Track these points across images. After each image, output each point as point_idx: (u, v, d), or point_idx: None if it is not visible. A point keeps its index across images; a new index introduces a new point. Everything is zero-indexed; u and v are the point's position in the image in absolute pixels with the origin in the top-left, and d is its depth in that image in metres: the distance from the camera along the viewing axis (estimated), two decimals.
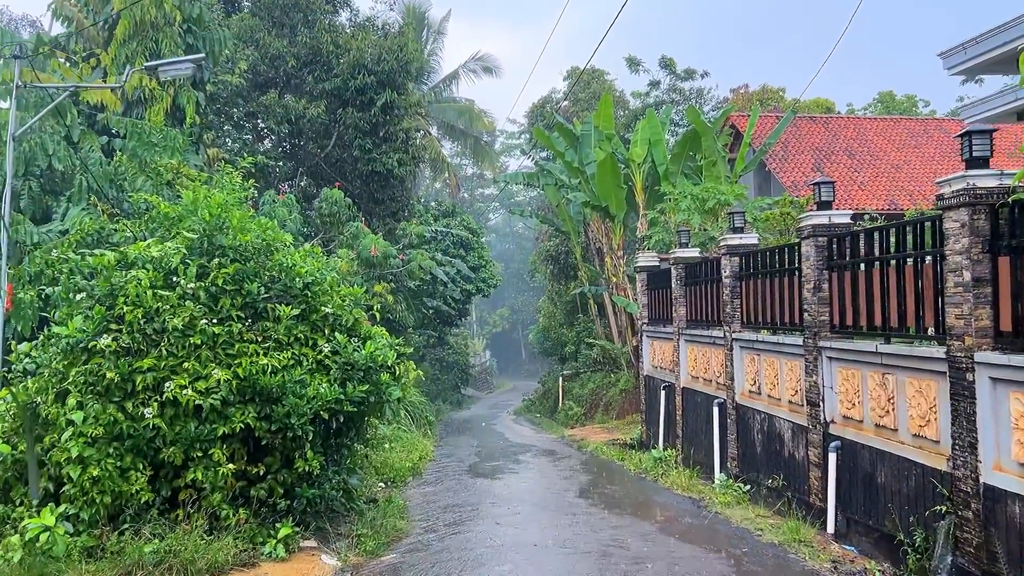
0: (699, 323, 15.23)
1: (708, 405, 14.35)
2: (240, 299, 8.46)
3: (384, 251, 14.93)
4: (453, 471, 14.88)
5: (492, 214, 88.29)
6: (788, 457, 11.20)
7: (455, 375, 48.25)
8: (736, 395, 13.03)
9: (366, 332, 9.19)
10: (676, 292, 16.12)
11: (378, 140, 23.44)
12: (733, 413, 13.09)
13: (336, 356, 8.73)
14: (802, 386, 10.72)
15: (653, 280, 18.52)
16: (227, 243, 8.55)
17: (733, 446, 13.08)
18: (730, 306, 13.17)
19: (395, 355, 8.95)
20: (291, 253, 9.02)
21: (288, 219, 14.34)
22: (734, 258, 13.12)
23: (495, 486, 13.01)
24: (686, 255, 15.97)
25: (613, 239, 25.60)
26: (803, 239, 10.47)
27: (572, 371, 34.91)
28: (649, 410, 18.46)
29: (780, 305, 11.59)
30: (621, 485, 12.62)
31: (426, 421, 22.65)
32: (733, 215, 13.28)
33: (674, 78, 47.06)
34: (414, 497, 12.04)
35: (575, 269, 36.95)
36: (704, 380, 14.77)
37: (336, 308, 9.06)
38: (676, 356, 16.19)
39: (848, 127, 33.70)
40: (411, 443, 16.99)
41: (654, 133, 25.71)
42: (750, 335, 12.61)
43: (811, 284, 10.29)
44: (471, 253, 39.76)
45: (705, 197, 17.41)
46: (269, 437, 8.27)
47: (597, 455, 16.62)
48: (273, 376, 8.17)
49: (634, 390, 25.05)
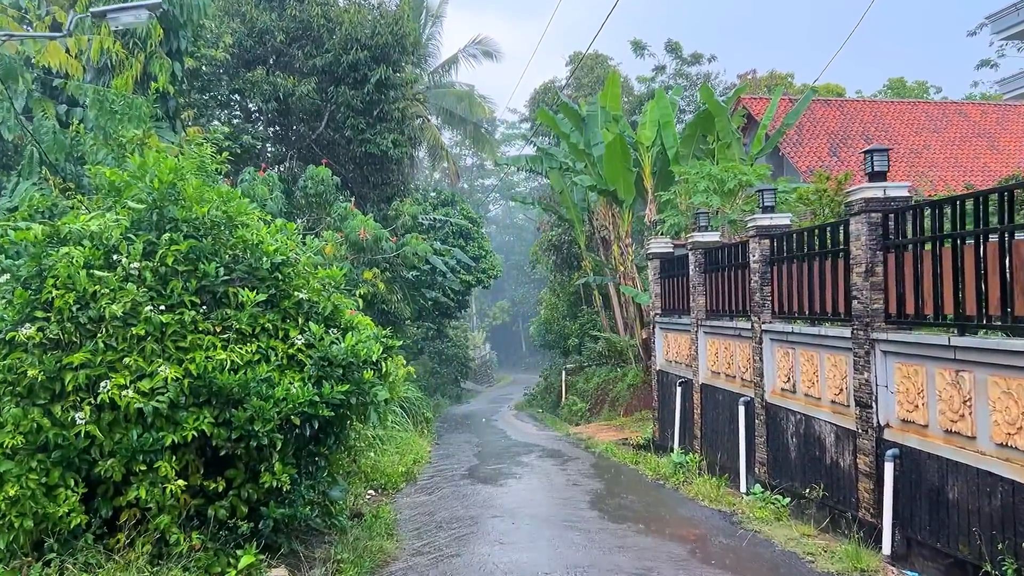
0: (721, 313, 13.88)
1: (732, 404, 13.01)
2: (195, 282, 7.10)
3: (375, 233, 13.56)
4: (451, 475, 13.55)
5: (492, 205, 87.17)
6: (830, 465, 9.86)
7: (454, 368, 47.02)
8: (766, 393, 11.69)
9: (348, 322, 7.84)
10: (694, 280, 14.77)
11: (372, 120, 22.02)
12: (762, 413, 11.76)
13: (311, 350, 7.38)
14: (849, 384, 9.37)
15: (667, 268, 17.16)
16: (180, 215, 7.19)
17: (762, 450, 11.75)
18: (759, 294, 11.82)
19: (381, 349, 7.60)
20: (258, 229, 7.66)
21: (269, 199, 12.98)
22: (764, 240, 11.76)
23: (497, 494, 11.69)
24: (705, 239, 14.61)
25: (621, 226, 24.22)
26: (852, 215, 9.11)
27: (576, 365, 33.59)
28: (663, 408, 17.13)
29: (821, 292, 10.24)
30: (638, 494, 11.29)
31: (423, 418, 21.31)
32: (763, 192, 11.92)
33: (680, 63, 45.68)
34: (406, 508, 10.71)
35: (579, 259, 35.58)
36: (727, 376, 13.43)
37: (312, 293, 7.71)
38: (694, 350, 14.85)
39: (864, 111, 32.30)
40: (406, 443, 15.66)
41: (664, 114, 24.32)
42: (783, 326, 11.26)
43: (862, 267, 8.93)
44: (471, 243, 38.47)
45: (724, 178, 16.04)
46: (229, 446, 6.92)
47: (607, 457, 15.29)
48: (234, 374, 6.82)
49: (643, 385, 23.73)
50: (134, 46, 14.57)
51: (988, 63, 48.04)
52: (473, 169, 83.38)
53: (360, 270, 13.89)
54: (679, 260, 16.25)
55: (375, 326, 8.14)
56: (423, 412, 21.46)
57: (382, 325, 23.63)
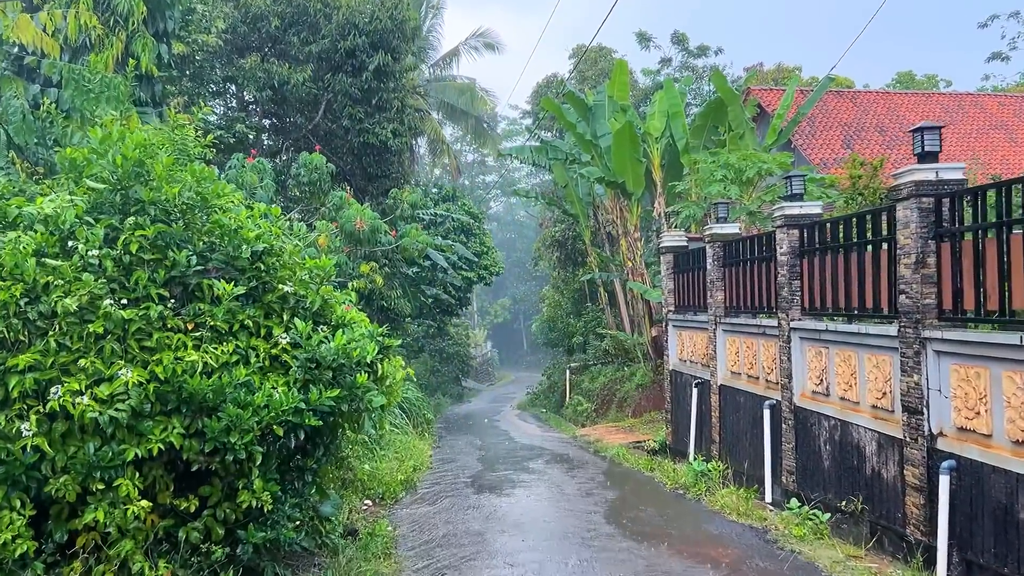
0: (742, 310, 13.00)
1: (755, 407, 12.13)
2: (163, 272, 6.21)
3: (372, 224, 12.65)
4: (453, 483, 12.68)
5: (493, 202, 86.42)
6: (871, 475, 8.98)
7: (455, 367, 46.21)
8: (794, 396, 10.81)
9: (339, 318, 6.96)
10: (712, 274, 13.88)
11: (371, 109, 21.11)
12: (790, 418, 10.87)
13: (297, 350, 6.50)
14: (894, 388, 8.49)
15: (681, 262, 16.26)
16: (147, 197, 6.30)
17: (789, 457, 10.87)
18: (787, 289, 10.93)
19: (377, 349, 6.71)
20: (238, 213, 6.76)
21: (259, 187, 12.09)
22: (793, 231, 10.87)
23: (503, 506, 10.80)
24: (724, 231, 13.72)
25: (629, 219, 23.31)
26: (899, 200, 8.22)
27: (580, 364, 32.71)
28: (676, 410, 16.24)
29: (860, 287, 9.35)
30: (658, 506, 10.40)
31: (423, 420, 20.43)
32: (791, 179, 11.02)
33: (686, 55, 44.80)
34: (406, 522, 9.83)
35: (583, 255, 34.69)
36: (749, 377, 12.55)
37: (299, 286, 6.82)
38: (711, 348, 13.96)
39: (878, 102, 31.39)
40: (406, 448, 14.78)
41: (673, 104, 23.41)
42: (814, 324, 10.38)
43: (911, 258, 8.05)
44: (472, 239, 37.63)
45: (742, 167, 15.13)
46: (202, 461, 6.04)
47: (619, 463, 14.41)
48: (207, 378, 5.94)
49: (653, 385, 22.85)
50: (115, 24, 13.69)
51: (999, 56, 47.17)
52: (474, 165, 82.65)
53: (356, 263, 13.00)
54: (694, 254, 15.37)
55: (371, 323, 7.26)
56: (423, 413, 20.59)
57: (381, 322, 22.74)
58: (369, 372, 6.73)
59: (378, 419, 6.84)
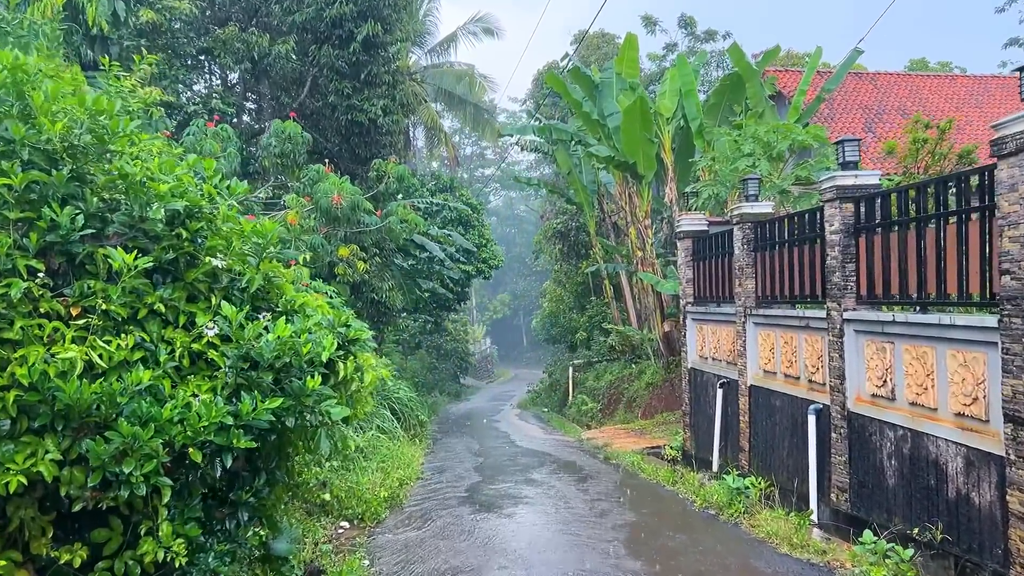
0: (777, 300, 11.32)
1: (796, 412, 10.46)
2: (36, 236, 4.51)
3: (352, 200, 10.91)
4: (446, 499, 11.01)
5: (493, 196, 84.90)
6: (956, 500, 7.31)
7: (453, 364, 44.62)
8: (848, 400, 9.14)
9: (288, 303, 5.27)
10: (741, 260, 12.20)
11: (359, 84, 19.38)
12: (842, 425, 9.20)
13: (228, 346, 4.81)
14: (990, 392, 6.83)
15: (701, 248, 14.58)
16: (17, 134, 4.61)
17: (841, 472, 9.20)
18: (839, 274, 9.25)
19: (336, 343, 5.03)
20: (149, 159, 5.08)
21: (222, 156, 10.42)
22: (846, 205, 9.19)
23: (504, 529, 9.13)
24: (756, 211, 12.03)
25: (639, 205, 21.61)
26: (1003, 157, 6.54)
27: (584, 361, 31.04)
28: (696, 413, 14.57)
29: (938, 268, 7.68)
30: (689, 533, 8.72)
31: (417, 422, 18.74)
32: (844, 144, 9.33)
33: (693, 40, 43.13)
34: (386, 552, 8.16)
35: (587, 247, 33.01)
36: (787, 377, 10.88)
37: (234, 260, 5.13)
38: (740, 344, 12.29)
39: (899, 84, 29.69)
40: (393, 455, 13.11)
41: (686, 82, 21.69)
42: (874, 315, 8.71)
43: (1020, 230, 6.37)
44: (471, 231, 36.01)
45: (771, 140, 13.45)
46: (88, 498, 4.36)
47: (635, 473, 12.74)
48: (91, 383, 4.25)
49: (664, 384, 21.19)
50: None
51: (1017, 41, 45.48)
52: (473, 158, 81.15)
53: (335, 246, 11.32)
54: (718, 239, 13.69)
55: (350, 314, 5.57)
56: (416, 414, 18.89)
57: (372, 316, 21.03)
58: (326, 374, 5.06)
59: (339, 436, 5.15)
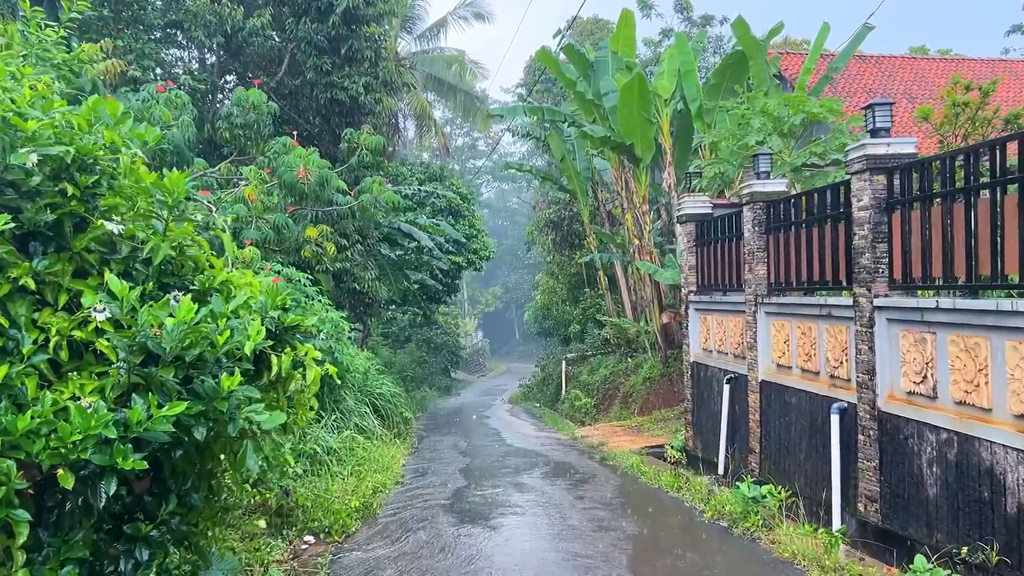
0: (793, 286, 10.25)
1: (816, 410, 9.40)
2: None
3: (320, 175, 9.73)
4: (427, 506, 9.91)
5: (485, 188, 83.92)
6: (1017, 516, 6.25)
7: (444, 357, 43.58)
8: (879, 398, 8.07)
9: (204, 280, 4.13)
10: (751, 243, 11.12)
11: (339, 60, 18.21)
12: (872, 427, 8.14)
13: (121, 333, 3.68)
14: None
15: (705, 232, 13.50)
16: None
17: (870, 479, 8.14)
18: (868, 255, 8.18)
19: (268, 331, 3.91)
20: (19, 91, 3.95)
21: (175, 125, 9.27)
22: (878, 176, 8.10)
23: (489, 545, 8.04)
24: (768, 189, 10.95)
25: (637, 191, 20.50)
26: None
27: (578, 354, 29.98)
28: (699, 410, 13.51)
29: (993, 247, 6.60)
30: (700, 550, 7.64)
31: (401, 419, 17.63)
32: (874, 108, 8.23)
33: (690, 25, 42.06)
34: (353, 573, 7.05)
35: (581, 237, 31.92)
36: (805, 372, 9.81)
37: (136, 224, 4.01)
38: (750, 335, 11.22)
39: (905, 68, 28.74)
40: (371, 457, 12.01)
41: (685, 62, 20.63)
42: (910, 301, 7.64)
43: None
44: (461, 221, 34.92)
45: (782, 114, 12.36)
46: None
47: (634, 476, 11.67)
48: None
49: (662, 379, 20.14)
50: None
51: (1020, 28, 44.54)
52: (465, 149, 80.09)
53: (302, 226, 10.17)
54: (724, 221, 12.61)
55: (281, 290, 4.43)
56: (400, 411, 17.78)
57: (354, 307, 19.89)
58: (254, 370, 3.94)
59: (271, 450, 4.03)
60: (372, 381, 17.23)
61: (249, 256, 7.94)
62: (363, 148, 11.61)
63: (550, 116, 21.47)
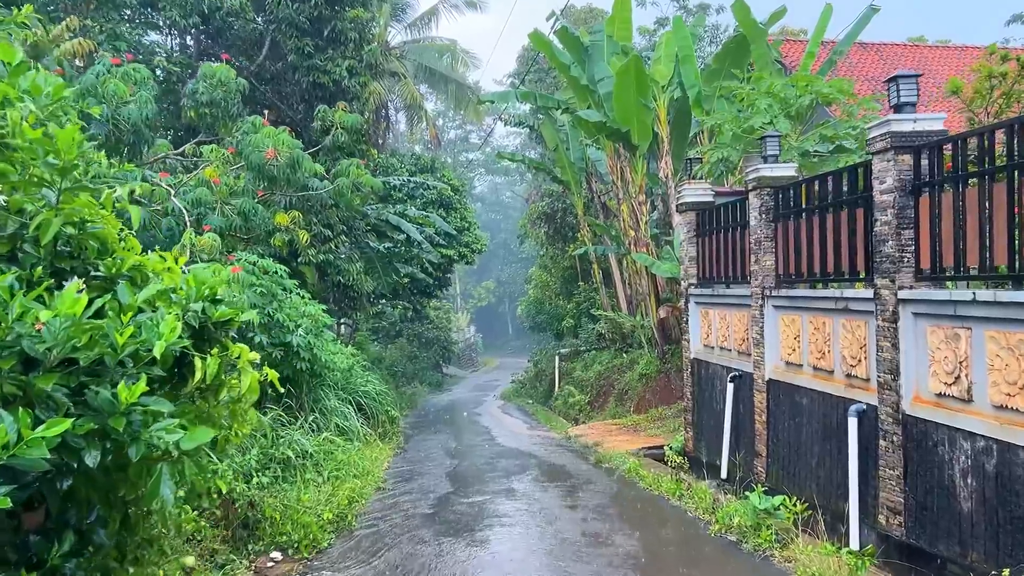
0: (804, 278, 9.51)
1: (832, 413, 8.66)
2: None
3: (292, 155, 8.87)
4: (408, 516, 9.14)
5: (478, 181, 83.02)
6: None
7: (435, 353, 42.78)
8: (904, 400, 7.33)
9: (112, 265, 3.34)
10: (758, 232, 10.36)
11: (322, 42, 17.36)
12: (895, 432, 7.39)
13: None
14: None
15: (706, 221, 12.75)
16: None
17: (893, 488, 7.41)
18: (891, 243, 7.42)
19: (183, 330, 3.12)
20: None
21: (132, 101, 8.44)
22: (903, 156, 7.35)
23: (474, 565, 7.27)
24: (777, 174, 10.19)
25: (633, 180, 19.73)
26: None
27: (571, 349, 29.23)
28: (700, 410, 12.77)
29: None
30: (709, 570, 6.89)
31: (387, 418, 16.85)
32: (898, 81, 7.47)
33: (685, 14, 41.24)
34: None
35: (574, 229, 31.12)
36: (818, 370, 9.07)
37: (29, 195, 3.21)
38: (757, 331, 10.48)
39: (906, 56, 27.98)
40: (350, 461, 11.23)
41: (683, 47, 19.84)
42: (943, 293, 6.89)
43: None
44: (453, 213, 34.12)
45: (789, 96, 11.60)
46: None
47: (633, 481, 10.92)
48: None
49: (659, 376, 19.39)
50: None
51: (1021, 18, 43.87)
52: (457, 142, 79.18)
53: (272, 212, 9.35)
54: (727, 209, 11.86)
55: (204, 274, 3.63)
56: (386, 410, 17.00)
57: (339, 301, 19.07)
58: (166, 378, 3.16)
59: (193, 475, 3.25)
60: (356, 379, 16.45)
61: (207, 244, 7.14)
62: (338, 127, 10.73)
63: (543, 102, 20.66)
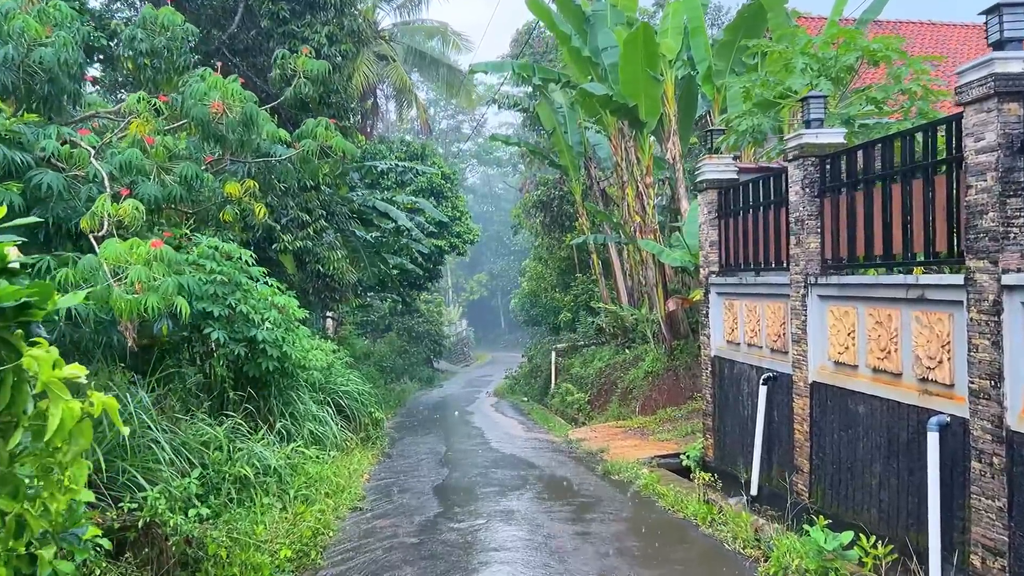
0: (858, 263, 7.99)
1: (900, 424, 7.14)
2: None
3: (245, 110, 7.26)
4: (387, 551, 7.58)
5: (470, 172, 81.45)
6: None
7: (426, 347, 41.27)
8: (1009, 413, 5.81)
9: None
10: (800, 210, 8.83)
11: (299, 7, 15.75)
12: (996, 452, 5.88)
13: None
14: None
15: (730, 201, 11.23)
16: None
17: (991, 523, 5.89)
18: (987, 219, 5.90)
19: None
20: None
21: (48, 44, 6.83)
22: (1009, 105, 5.81)
23: None
24: (823, 140, 8.66)
25: (641, 159, 18.17)
26: None
27: (569, 344, 27.69)
28: (723, 414, 11.25)
29: None
30: None
31: (370, 420, 15.30)
32: (1000, 10, 5.93)
33: None
34: None
35: (572, 218, 29.58)
36: (880, 372, 7.54)
37: None
38: (796, 325, 8.96)
39: (923, 34, 26.62)
40: (323, 475, 9.67)
41: (693, 18, 18.31)
42: None
43: None
44: (444, 202, 32.63)
45: (829, 55, 10.07)
46: None
47: (650, 500, 9.40)
48: None
49: (667, 374, 17.89)
50: None
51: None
52: (449, 132, 77.61)
53: (223, 178, 7.73)
54: (757, 185, 10.34)
55: None
56: (370, 411, 15.45)
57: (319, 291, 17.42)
58: None
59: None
60: (336, 377, 14.92)
61: (127, 213, 5.56)
62: (301, 77, 9.12)
63: (543, 74, 19.00)
